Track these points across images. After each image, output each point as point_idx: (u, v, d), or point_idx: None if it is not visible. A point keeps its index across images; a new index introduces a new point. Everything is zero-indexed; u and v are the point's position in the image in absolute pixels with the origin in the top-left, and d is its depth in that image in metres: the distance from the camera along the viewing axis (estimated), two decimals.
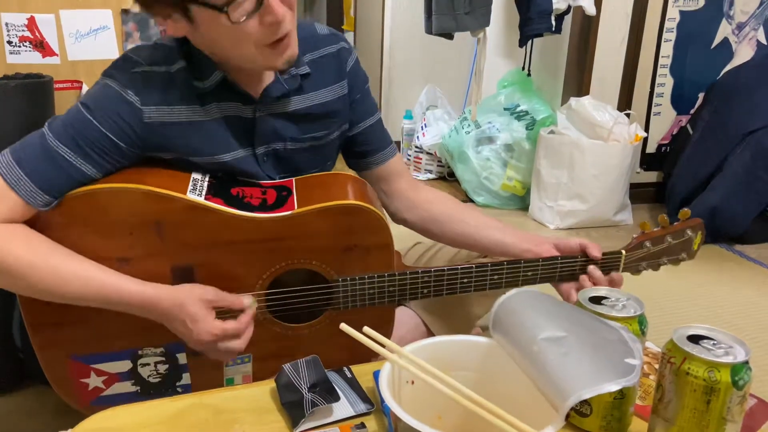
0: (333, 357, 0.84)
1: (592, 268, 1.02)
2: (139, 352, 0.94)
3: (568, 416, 0.56)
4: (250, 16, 0.81)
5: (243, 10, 0.80)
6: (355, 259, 0.96)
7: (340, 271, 0.96)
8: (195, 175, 0.93)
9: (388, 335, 1.03)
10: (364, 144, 1.09)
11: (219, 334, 0.87)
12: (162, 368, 0.96)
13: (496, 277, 1.00)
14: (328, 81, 1.01)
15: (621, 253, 1.05)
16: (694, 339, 0.65)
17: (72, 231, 0.87)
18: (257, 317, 0.93)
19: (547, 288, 0.99)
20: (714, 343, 0.64)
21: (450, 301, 1.10)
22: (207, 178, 0.94)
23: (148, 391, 0.97)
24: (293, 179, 1.00)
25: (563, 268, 1.02)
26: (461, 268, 0.98)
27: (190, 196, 0.89)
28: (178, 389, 0.98)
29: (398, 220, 1.15)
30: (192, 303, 0.86)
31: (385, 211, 1.07)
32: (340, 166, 1.12)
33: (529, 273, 1.01)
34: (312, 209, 0.92)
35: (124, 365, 0.95)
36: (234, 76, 0.92)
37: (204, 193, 0.91)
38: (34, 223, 0.86)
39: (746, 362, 0.62)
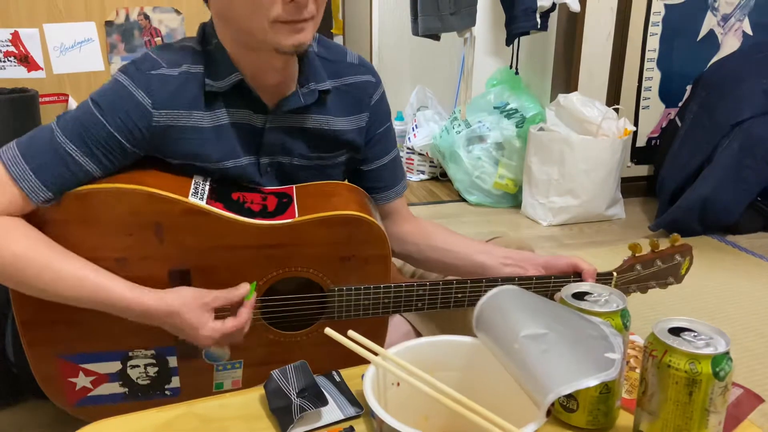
0: (324, 366, 0.85)
1: None
2: (130, 354, 0.94)
3: (549, 412, 0.57)
4: None
5: None
6: (353, 269, 0.96)
7: (337, 280, 0.96)
8: (196, 178, 0.93)
9: (380, 345, 1.03)
10: (375, 180, 1.08)
11: (219, 338, 0.87)
12: (152, 371, 0.96)
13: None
14: (347, 111, 1.00)
15: (612, 274, 1.05)
16: (675, 331, 0.65)
17: (70, 229, 0.87)
18: (252, 322, 0.93)
19: None
20: (694, 335, 0.64)
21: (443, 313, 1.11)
22: (208, 182, 0.94)
23: (135, 393, 0.97)
24: (293, 186, 1.00)
25: (556, 288, 1.02)
26: (456, 282, 0.98)
27: (192, 199, 0.89)
28: (167, 392, 0.98)
29: None
30: (187, 311, 0.85)
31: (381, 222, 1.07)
32: None
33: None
34: (312, 218, 0.92)
35: (114, 366, 0.95)
36: (250, 81, 0.91)
37: (206, 197, 0.91)
38: (31, 218, 0.86)
39: (727, 353, 0.63)
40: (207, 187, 0.92)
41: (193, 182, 0.92)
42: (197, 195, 0.90)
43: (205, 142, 0.92)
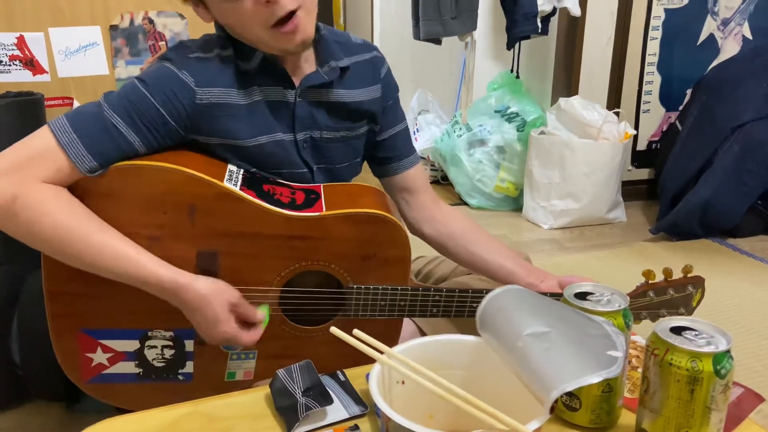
0: (336, 363, 0.86)
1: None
2: (149, 333, 0.96)
3: (553, 409, 0.57)
4: None
5: None
6: (372, 268, 0.98)
7: (356, 278, 0.98)
8: (231, 167, 0.96)
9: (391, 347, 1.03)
10: (389, 149, 1.12)
11: (230, 339, 0.90)
12: (168, 353, 0.98)
13: None
14: (364, 82, 1.06)
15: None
16: (677, 330, 0.66)
17: (109, 202, 0.89)
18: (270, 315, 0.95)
19: None
20: (696, 334, 0.65)
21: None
22: (242, 171, 0.97)
23: (149, 375, 0.99)
24: (321, 185, 1.03)
25: None
26: (472, 291, 0.99)
27: (227, 184, 0.92)
28: (179, 377, 1.00)
29: (414, 231, 1.16)
30: (217, 302, 0.88)
31: (404, 223, 1.09)
32: (367, 177, 1.15)
33: None
34: (339, 213, 0.95)
35: (132, 345, 0.97)
36: (273, 57, 0.96)
37: (239, 184, 0.94)
38: (74, 190, 0.88)
39: (728, 351, 0.63)
40: (240, 176, 0.96)
41: (227, 170, 0.95)
42: (231, 181, 0.93)
43: (242, 118, 0.95)
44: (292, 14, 0.88)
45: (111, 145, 0.88)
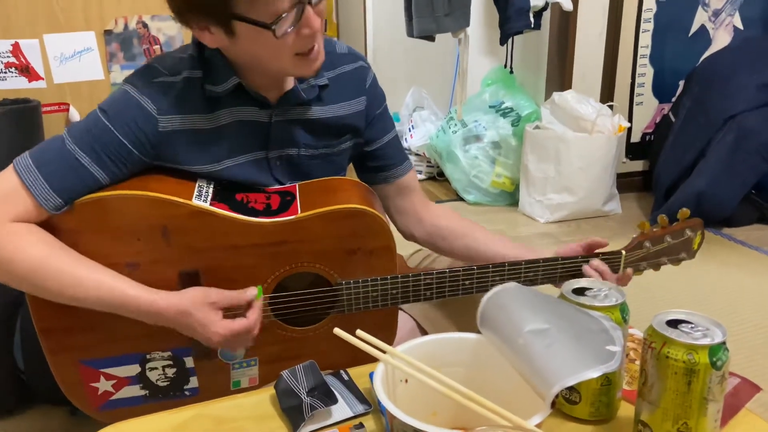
0: (336, 359, 0.87)
1: (597, 262, 1.02)
2: (147, 357, 0.97)
3: (554, 404, 0.59)
4: (291, 29, 0.84)
5: (286, 24, 0.83)
6: (358, 261, 0.98)
7: (344, 274, 0.98)
8: (200, 182, 0.96)
9: (391, 340, 1.04)
10: (381, 159, 1.11)
11: (228, 335, 0.89)
12: (170, 372, 0.98)
13: (497, 278, 1.00)
14: (346, 96, 1.04)
15: (621, 253, 1.06)
16: (673, 323, 0.67)
17: (81, 237, 0.89)
18: (263, 321, 0.95)
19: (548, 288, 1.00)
20: (692, 327, 0.66)
21: (449, 306, 1.12)
22: (212, 185, 0.96)
23: (156, 395, 0.99)
24: (296, 184, 1.02)
25: (564, 268, 1.03)
26: (463, 270, 0.99)
27: (196, 201, 0.91)
28: (186, 392, 1.00)
29: (408, 236, 1.17)
30: (197, 309, 0.88)
31: (386, 214, 1.09)
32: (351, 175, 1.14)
33: (530, 274, 1.02)
34: (315, 213, 0.95)
35: (133, 369, 0.97)
36: (250, 82, 0.94)
37: (209, 199, 0.93)
38: (44, 227, 0.88)
39: (723, 343, 0.65)
40: (210, 190, 0.95)
41: (196, 186, 0.95)
42: (201, 197, 0.93)
43: (207, 143, 0.94)
44: None
45: (75, 181, 0.87)
